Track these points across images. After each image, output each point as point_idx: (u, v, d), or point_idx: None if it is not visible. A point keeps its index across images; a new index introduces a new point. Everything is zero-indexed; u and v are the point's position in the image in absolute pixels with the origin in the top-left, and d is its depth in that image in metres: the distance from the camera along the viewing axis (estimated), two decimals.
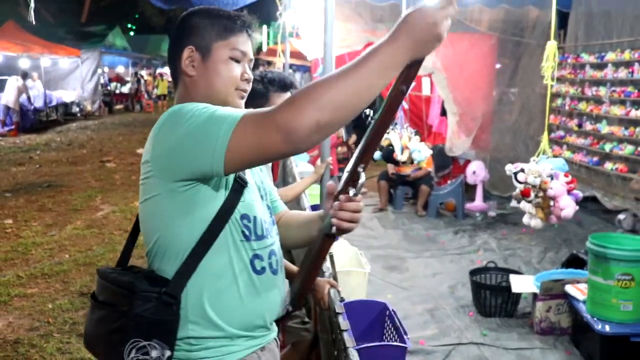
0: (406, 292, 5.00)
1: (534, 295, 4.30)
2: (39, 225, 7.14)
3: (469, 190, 7.88)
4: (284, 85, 2.58)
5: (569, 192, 4.82)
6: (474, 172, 7.72)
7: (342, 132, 9.74)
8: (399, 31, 1.24)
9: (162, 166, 1.44)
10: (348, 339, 1.87)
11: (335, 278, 2.35)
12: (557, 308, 4.19)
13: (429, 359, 3.83)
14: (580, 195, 4.90)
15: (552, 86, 8.01)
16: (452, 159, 8.50)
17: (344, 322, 1.95)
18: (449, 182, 8.01)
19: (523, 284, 4.36)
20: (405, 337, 1.91)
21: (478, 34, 7.80)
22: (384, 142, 6.86)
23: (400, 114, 6.68)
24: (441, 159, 8.36)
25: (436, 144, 8.86)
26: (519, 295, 4.53)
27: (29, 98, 16.25)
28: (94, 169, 11.02)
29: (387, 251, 6.14)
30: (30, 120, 16.62)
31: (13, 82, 15.47)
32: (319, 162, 3.37)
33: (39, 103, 17.27)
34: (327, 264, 2.53)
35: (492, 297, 4.47)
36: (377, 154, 6.95)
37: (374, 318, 2.15)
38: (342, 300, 2.12)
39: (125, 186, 9.44)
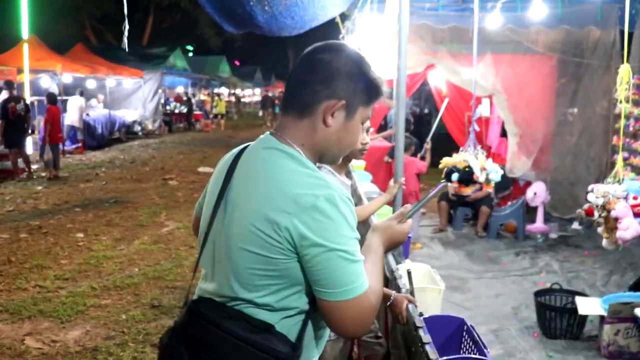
0: (469, 312, 5.00)
1: (601, 318, 4.25)
2: (109, 240, 7.45)
3: (529, 212, 7.79)
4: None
5: (637, 215, 4.78)
6: (535, 194, 7.63)
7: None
8: (386, 244, 1.72)
9: (295, 246, 1.43)
10: (431, 351, 1.94)
11: (412, 294, 2.43)
12: (625, 332, 4.13)
13: None
14: None
15: (616, 107, 7.93)
16: (513, 180, 8.43)
17: (425, 336, 2.02)
18: (509, 203, 7.96)
19: (590, 306, 4.31)
20: (485, 350, 1.97)
21: (538, 55, 7.77)
22: (460, 165, 6.86)
23: (472, 135, 6.69)
24: (501, 180, 8.30)
25: None
26: (585, 317, 4.48)
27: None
28: (157, 186, 11.40)
29: (448, 271, 6.13)
30: (96, 138, 17.30)
31: (75, 102, 16.06)
32: (391, 182, 3.46)
33: (100, 123, 17.92)
34: (403, 281, 2.62)
35: (557, 319, 4.44)
36: (455, 176, 6.96)
37: (451, 333, 2.20)
38: (421, 315, 2.19)
39: (188, 203, 9.73)
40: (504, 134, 8.60)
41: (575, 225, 7.79)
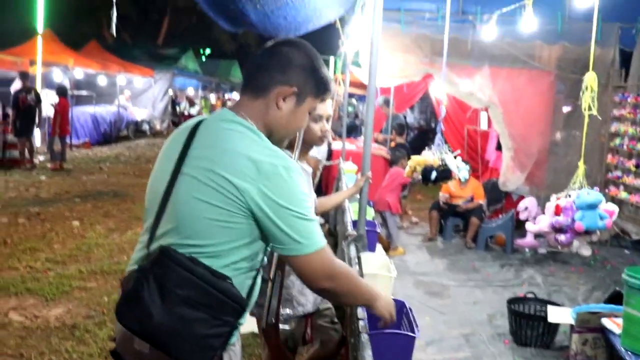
0: (444, 316, 5.08)
1: (572, 327, 4.31)
2: (103, 229, 7.59)
3: (521, 227, 7.84)
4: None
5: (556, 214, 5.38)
6: (526, 208, 7.69)
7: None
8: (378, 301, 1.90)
9: (254, 207, 1.59)
10: (362, 326, 2.05)
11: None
12: (594, 342, 4.17)
13: None
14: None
15: (611, 125, 7.97)
16: (505, 194, 8.50)
17: (362, 312, 2.13)
18: (500, 216, 8.02)
19: (559, 315, 4.37)
20: (415, 329, 2.08)
21: (536, 70, 7.86)
22: (434, 163, 6.88)
23: (439, 134, 6.74)
24: (494, 193, 8.38)
25: (490, 178, 8.91)
26: (556, 327, 4.54)
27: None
28: None
29: (431, 278, 6.22)
30: (103, 134, 17.49)
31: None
32: (359, 175, 3.56)
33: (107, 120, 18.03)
34: (356, 267, 2.72)
35: (528, 326, 4.50)
36: (433, 175, 6.98)
37: None
38: None
39: None
40: (499, 147, 8.66)
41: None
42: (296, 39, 1.84)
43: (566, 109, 8.38)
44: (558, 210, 5.08)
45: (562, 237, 5.29)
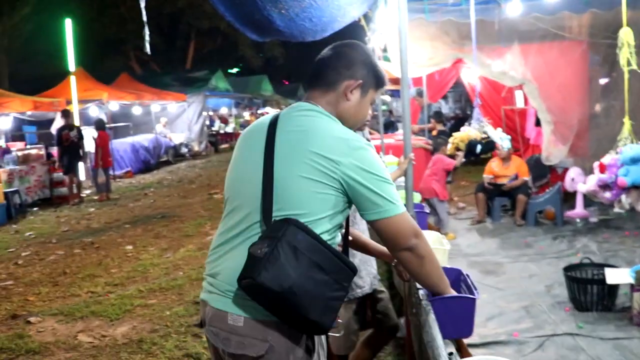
0: (501, 292, 5.05)
1: (632, 287, 4.25)
2: (156, 250, 7.79)
3: (569, 199, 7.74)
4: None
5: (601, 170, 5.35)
6: (573, 179, 7.58)
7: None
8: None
9: (347, 178, 1.80)
10: (422, 294, 2.09)
11: None
12: None
13: (522, 349, 3.90)
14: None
15: (638, 84, 7.80)
16: (550, 168, 8.38)
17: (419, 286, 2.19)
18: (547, 190, 7.92)
19: (618, 276, 4.32)
20: (475, 291, 2.11)
21: (567, 42, 7.72)
22: (477, 137, 6.82)
23: (476, 109, 6.68)
24: (538, 168, 8.27)
25: (533, 155, 8.80)
26: (616, 288, 4.48)
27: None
28: (202, 201, 11.77)
29: (484, 257, 6.19)
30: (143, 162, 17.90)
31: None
32: (402, 158, 3.60)
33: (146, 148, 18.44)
34: None
35: (587, 291, 4.46)
36: (478, 148, 6.95)
37: (450, 283, 2.33)
38: None
39: None
40: (538, 123, 8.56)
41: (617, 209, 7.69)
42: (351, 41, 2.10)
43: (603, 80, 8.22)
44: (602, 168, 5.02)
45: (607, 194, 5.23)
